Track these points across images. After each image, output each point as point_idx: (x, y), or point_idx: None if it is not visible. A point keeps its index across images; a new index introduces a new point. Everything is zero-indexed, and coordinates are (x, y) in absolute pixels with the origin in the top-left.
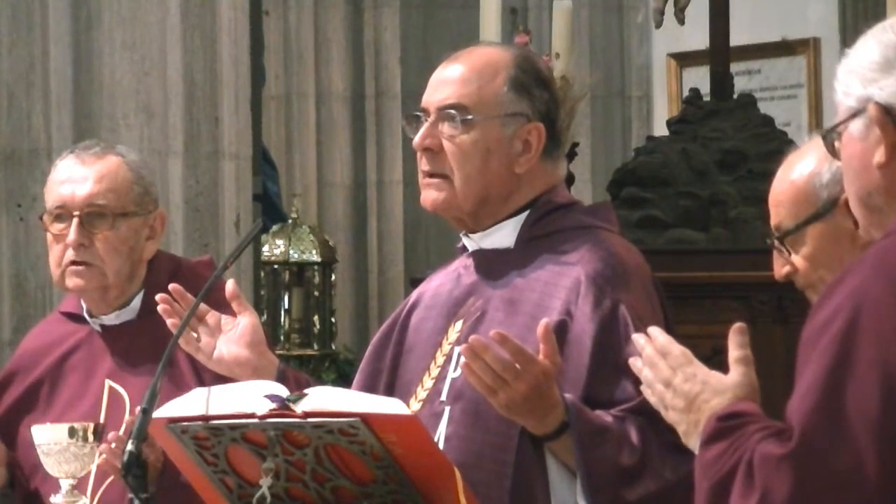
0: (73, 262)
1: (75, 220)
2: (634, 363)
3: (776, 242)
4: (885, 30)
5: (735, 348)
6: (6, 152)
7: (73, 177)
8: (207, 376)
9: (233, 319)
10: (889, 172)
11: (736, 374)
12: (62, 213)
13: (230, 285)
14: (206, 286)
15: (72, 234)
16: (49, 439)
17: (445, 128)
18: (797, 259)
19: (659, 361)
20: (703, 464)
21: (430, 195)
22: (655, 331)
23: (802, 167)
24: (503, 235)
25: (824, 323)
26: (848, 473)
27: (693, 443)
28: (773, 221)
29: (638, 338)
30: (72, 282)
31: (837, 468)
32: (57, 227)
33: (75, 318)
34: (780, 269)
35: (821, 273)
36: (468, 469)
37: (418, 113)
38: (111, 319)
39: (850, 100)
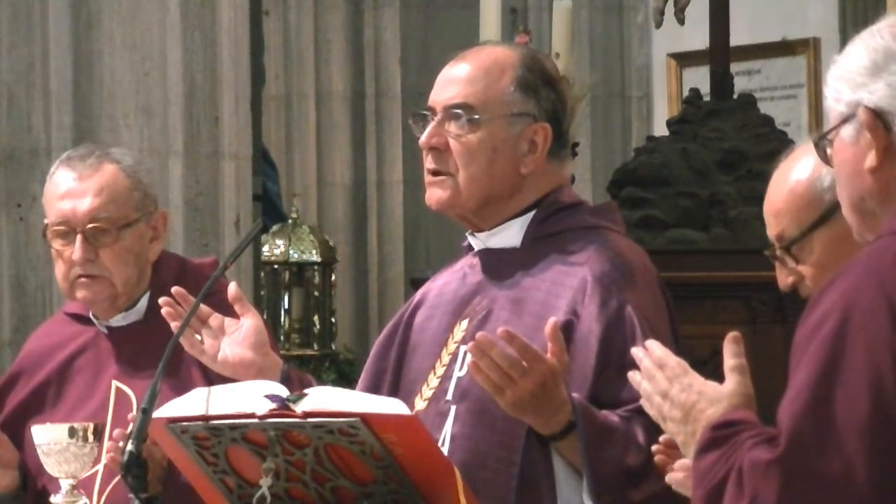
0: (81, 276)
1: (79, 238)
2: (633, 377)
3: (779, 252)
4: (873, 34)
5: (730, 357)
6: (6, 152)
7: (72, 191)
8: (217, 379)
9: (236, 321)
10: (881, 176)
11: (731, 383)
12: (65, 230)
13: (232, 288)
14: (206, 286)
15: (77, 252)
16: (49, 439)
17: (452, 127)
18: (804, 267)
19: (656, 373)
20: (697, 472)
21: (434, 194)
22: (653, 343)
23: (799, 172)
24: (509, 235)
25: (815, 326)
26: (836, 478)
27: (691, 453)
28: (774, 231)
29: (636, 351)
30: (81, 294)
31: (825, 473)
32: (60, 243)
33: (81, 319)
34: (784, 280)
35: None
36: (474, 468)
37: (425, 112)
38: (118, 321)
39: (841, 105)
